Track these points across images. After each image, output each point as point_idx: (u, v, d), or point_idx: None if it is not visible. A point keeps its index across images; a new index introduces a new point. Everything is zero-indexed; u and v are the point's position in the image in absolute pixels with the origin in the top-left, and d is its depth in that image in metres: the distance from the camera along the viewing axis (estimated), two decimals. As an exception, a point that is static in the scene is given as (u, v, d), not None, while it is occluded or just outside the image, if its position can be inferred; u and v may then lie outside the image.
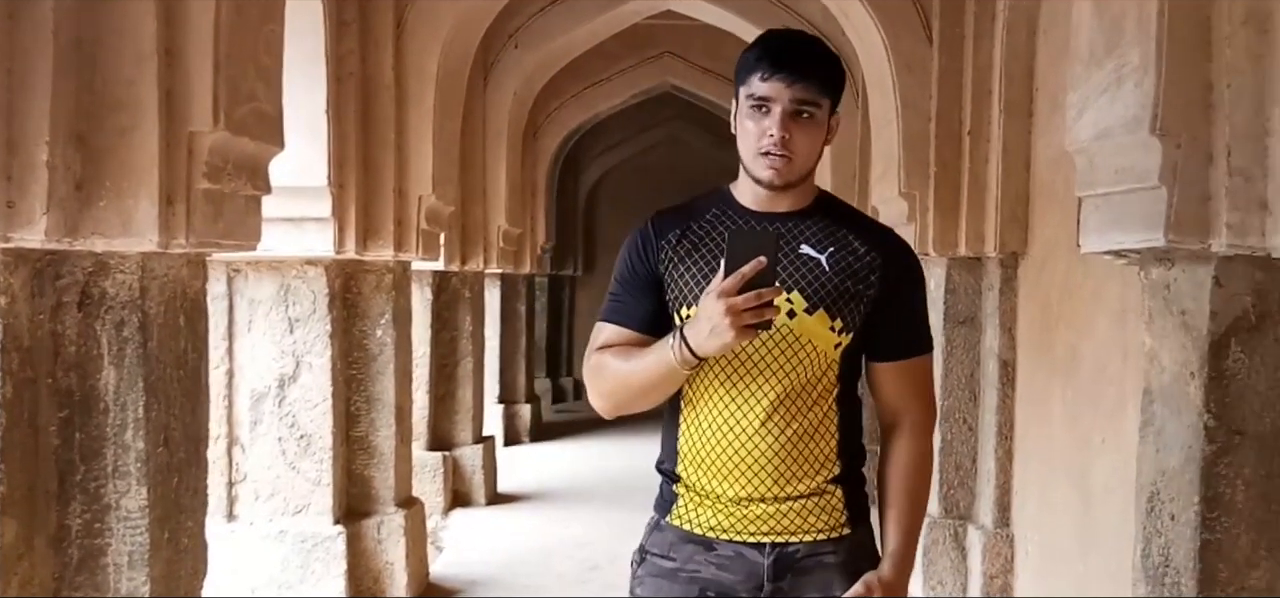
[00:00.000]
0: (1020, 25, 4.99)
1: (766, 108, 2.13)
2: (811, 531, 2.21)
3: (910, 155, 5.40)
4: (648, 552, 2.31)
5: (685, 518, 2.26)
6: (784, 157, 2.13)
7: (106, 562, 2.59)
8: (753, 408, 2.17)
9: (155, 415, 2.61)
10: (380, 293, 5.55)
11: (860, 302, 2.20)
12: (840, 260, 2.20)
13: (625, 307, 2.26)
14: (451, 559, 6.99)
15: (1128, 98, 2.58)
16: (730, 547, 2.22)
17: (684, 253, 2.23)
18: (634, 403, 2.24)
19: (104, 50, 2.37)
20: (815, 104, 2.14)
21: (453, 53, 5.77)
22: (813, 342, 2.17)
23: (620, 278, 2.29)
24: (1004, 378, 5.26)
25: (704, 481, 2.23)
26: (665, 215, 2.30)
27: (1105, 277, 4.08)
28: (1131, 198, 2.64)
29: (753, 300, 1.98)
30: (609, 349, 2.25)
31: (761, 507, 2.20)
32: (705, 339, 2.03)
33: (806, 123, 2.14)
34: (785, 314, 2.14)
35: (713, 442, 2.20)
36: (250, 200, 2.87)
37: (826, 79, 2.16)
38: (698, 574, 2.23)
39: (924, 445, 2.33)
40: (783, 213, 2.22)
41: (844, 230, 2.24)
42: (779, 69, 2.11)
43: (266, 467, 5.30)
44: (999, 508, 5.31)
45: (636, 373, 2.18)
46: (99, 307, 2.53)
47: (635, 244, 2.28)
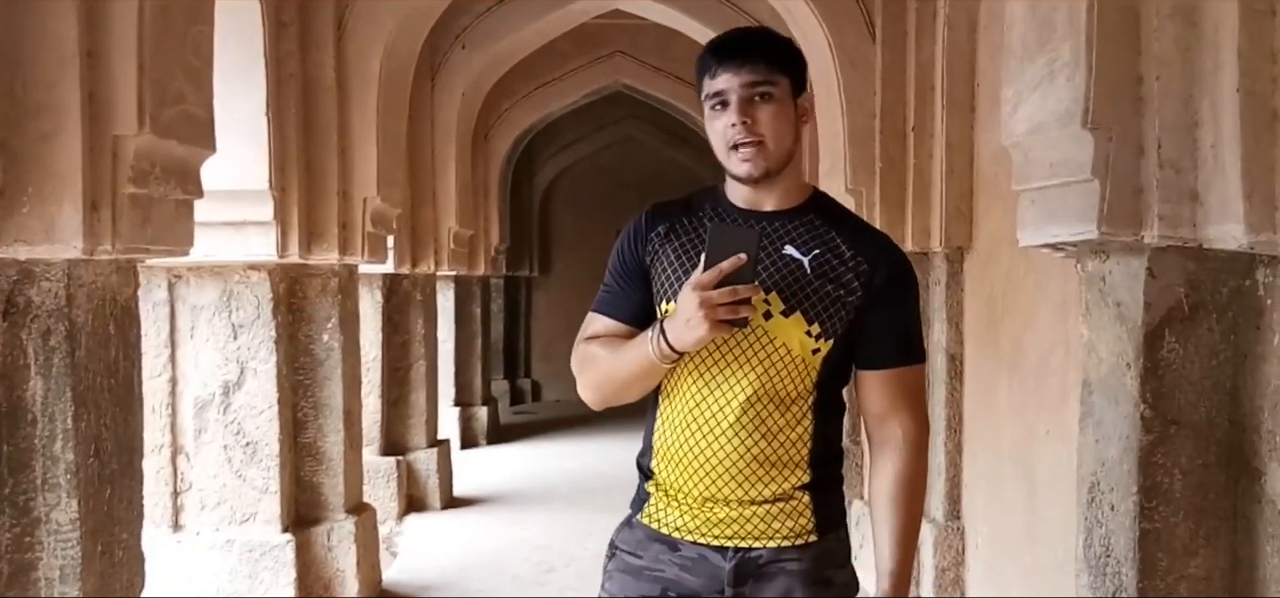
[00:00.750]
0: (961, 22, 5.02)
1: (724, 101, 2.12)
2: (775, 537, 2.17)
3: (856, 151, 5.41)
4: (618, 548, 2.31)
5: (654, 517, 2.25)
6: (753, 142, 2.11)
7: (37, 576, 2.53)
8: (722, 407, 2.15)
9: (85, 426, 2.56)
10: (326, 297, 5.49)
11: (842, 307, 2.15)
12: (824, 263, 2.15)
13: (615, 298, 2.26)
14: (406, 565, 6.94)
15: (1060, 92, 2.60)
16: (694, 549, 2.20)
17: (670, 247, 2.22)
18: (618, 395, 2.23)
19: (24, 53, 2.32)
20: (769, 83, 2.11)
21: (396, 54, 5.72)
22: (787, 345, 2.14)
23: (612, 269, 2.29)
24: (952, 372, 5.28)
25: (673, 478, 2.21)
26: (660, 209, 2.29)
27: (1047, 270, 4.11)
28: (1066, 191, 2.66)
29: (728, 296, 1.98)
30: (597, 340, 2.25)
31: (725, 509, 2.17)
32: (680, 333, 2.03)
33: (766, 104, 2.11)
34: (762, 315, 2.12)
35: (682, 438, 2.18)
36: (181, 205, 2.82)
37: (775, 58, 2.14)
38: (661, 574, 2.22)
39: (915, 460, 2.24)
40: (770, 212, 2.20)
41: (832, 233, 2.19)
42: (726, 60, 2.11)
43: (212, 476, 5.23)
44: (949, 501, 5.33)
45: (620, 365, 2.17)
46: (25, 316, 2.48)
47: (628, 235, 2.27)
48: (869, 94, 5.39)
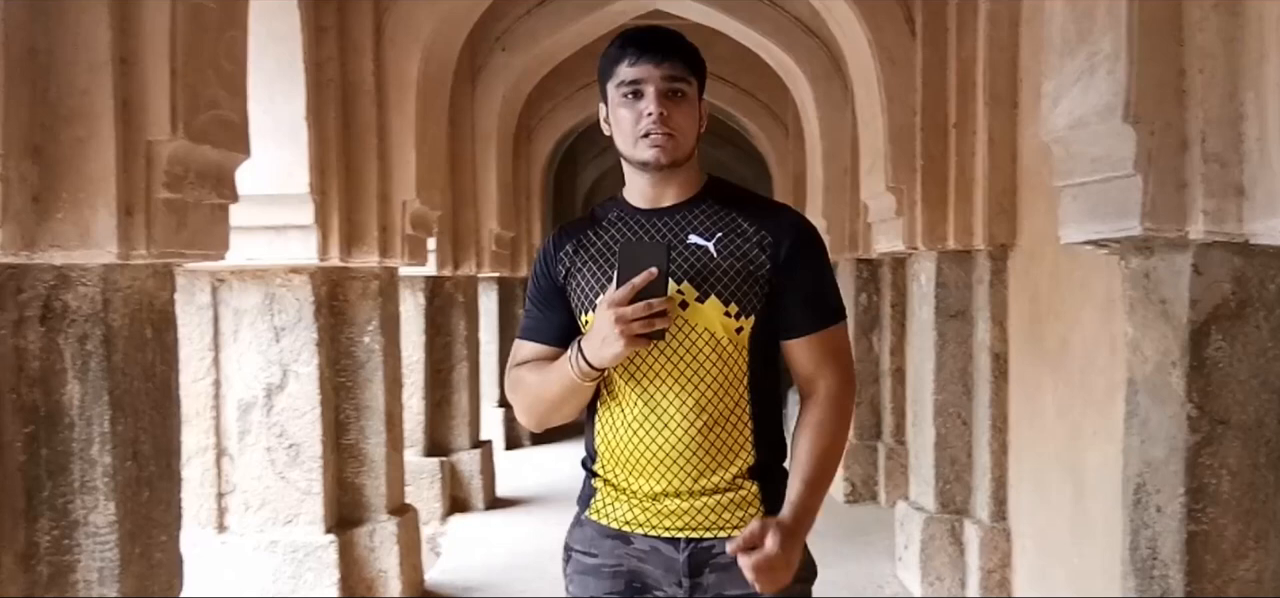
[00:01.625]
0: (1003, 16, 4.96)
1: (639, 91, 2.15)
2: (727, 527, 2.20)
3: (896, 149, 5.36)
4: (573, 550, 2.33)
5: (602, 512, 2.28)
6: (666, 134, 2.15)
7: (76, 578, 2.56)
8: (661, 402, 2.18)
9: (122, 429, 2.58)
10: (367, 300, 5.52)
11: (754, 282, 2.18)
12: (728, 244, 2.19)
13: (537, 323, 2.31)
14: (449, 565, 6.96)
15: (1100, 86, 2.55)
16: (646, 541, 2.23)
17: (581, 262, 2.25)
18: (552, 416, 2.28)
19: (58, 60, 2.34)
20: (685, 81, 2.16)
21: (434, 57, 5.73)
22: (710, 329, 2.16)
23: (531, 296, 2.34)
24: (996, 371, 5.22)
25: (620, 476, 2.25)
26: (565, 229, 2.35)
27: (1092, 267, 4.04)
28: (1108, 187, 2.60)
29: (642, 311, 2.01)
30: (526, 365, 2.29)
31: (675, 501, 2.20)
32: (598, 350, 2.07)
33: (680, 102, 2.16)
34: (678, 304, 2.16)
35: (625, 438, 2.21)
36: (216, 209, 2.83)
37: (689, 59, 2.19)
38: (621, 568, 2.25)
39: (837, 410, 2.24)
40: (670, 206, 2.24)
41: (733, 213, 2.23)
42: (645, 53, 2.15)
43: (256, 477, 5.27)
44: (995, 502, 5.26)
45: (546, 387, 2.22)
46: (62, 320, 2.50)
47: (540, 261, 2.33)
48: (909, 91, 5.34)
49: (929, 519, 5.53)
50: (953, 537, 5.49)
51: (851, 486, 8.28)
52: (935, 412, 5.50)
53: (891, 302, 7.89)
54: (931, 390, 5.52)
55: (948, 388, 5.49)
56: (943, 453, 5.52)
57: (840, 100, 8.12)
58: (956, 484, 5.52)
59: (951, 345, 5.47)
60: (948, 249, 5.34)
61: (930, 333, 5.51)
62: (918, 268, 5.72)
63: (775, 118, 11.11)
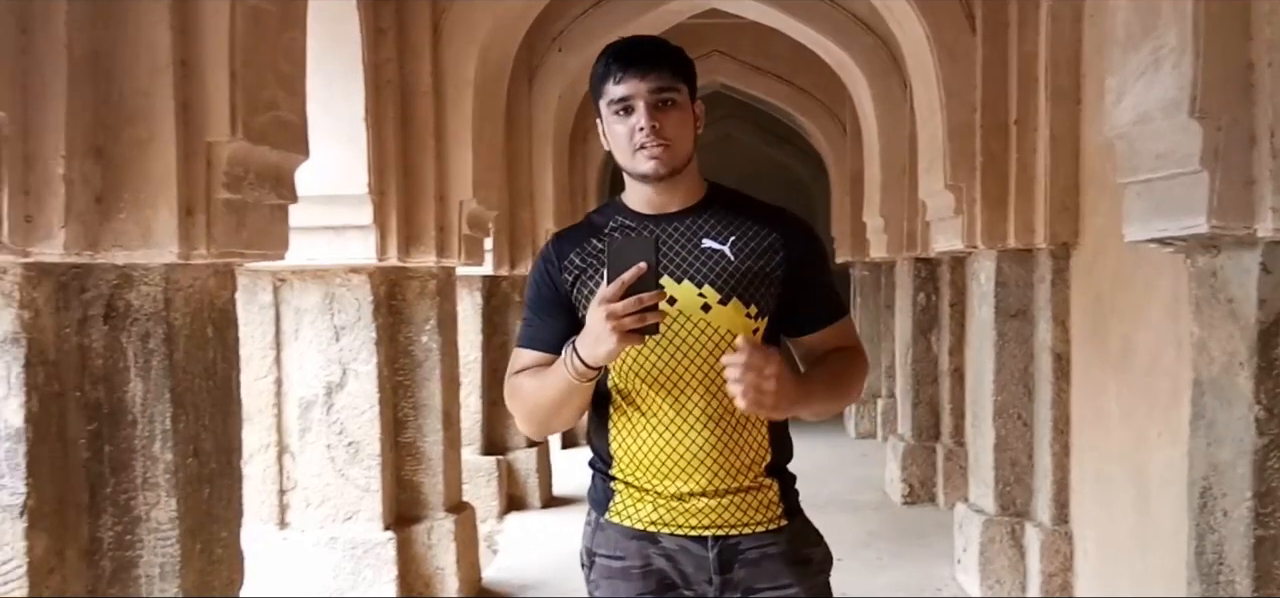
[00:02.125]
0: (1065, 11, 4.88)
1: (629, 106, 2.17)
2: (751, 523, 2.23)
3: (956, 147, 5.29)
4: (595, 554, 2.33)
5: (625, 514, 2.28)
6: (661, 144, 2.16)
7: (138, 573, 2.59)
8: (684, 405, 2.20)
9: (183, 426, 2.61)
10: (424, 299, 5.56)
11: (770, 283, 2.22)
12: (743, 246, 2.22)
13: (536, 330, 2.31)
14: (505, 563, 6.99)
15: (1166, 80, 2.50)
16: (673, 540, 2.24)
17: (587, 271, 2.26)
18: (551, 421, 2.29)
19: (119, 62, 2.36)
20: (674, 89, 2.18)
21: (490, 57, 5.75)
22: (732, 331, 2.18)
23: (530, 303, 2.34)
24: (1058, 372, 5.14)
25: (643, 478, 2.25)
26: (563, 237, 2.35)
27: (1158, 266, 3.96)
28: (1174, 183, 2.56)
29: (633, 306, 2.00)
30: (524, 372, 2.30)
31: (702, 501, 2.22)
32: (592, 348, 2.07)
33: (671, 110, 2.17)
34: (700, 308, 2.18)
35: (647, 443, 2.22)
36: (276, 209, 2.85)
37: (675, 66, 2.20)
38: (651, 566, 2.26)
39: (856, 360, 2.33)
40: (676, 212, 2.25)
41: (741, 217, 2.26)
42: (630, 66, 2.17)
43: (316, 474, 5.33)
44: (1057, 505, 5.19)
45: (545, 392, 2.22)
46: (124, 319, 2.53)
47: (540, 268, 2.33)
48: (969, 87, 5.27)
49: (988, 522, 5.46)
50: (1013, 540, 5.42)
51: (909, 487, 8.20)
52: (995, 413, 5.43)
53: (950, 301, 7.80)
54: (991, 391, 5.45)
55: (1008, 389, 5.41)
56: (1003, 455, 5.44)
57: (898, 98, 8.06)
58: (1017, 486, 5.45)
59: (1012, 346, 5.39)
60: (1008, 248, 5.27)
61: (990, 333, 5.44)
62: (977, 267, 5.65)
63: (833, 116, 11.04)
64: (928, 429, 8.26)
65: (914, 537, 7.15)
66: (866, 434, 11.18)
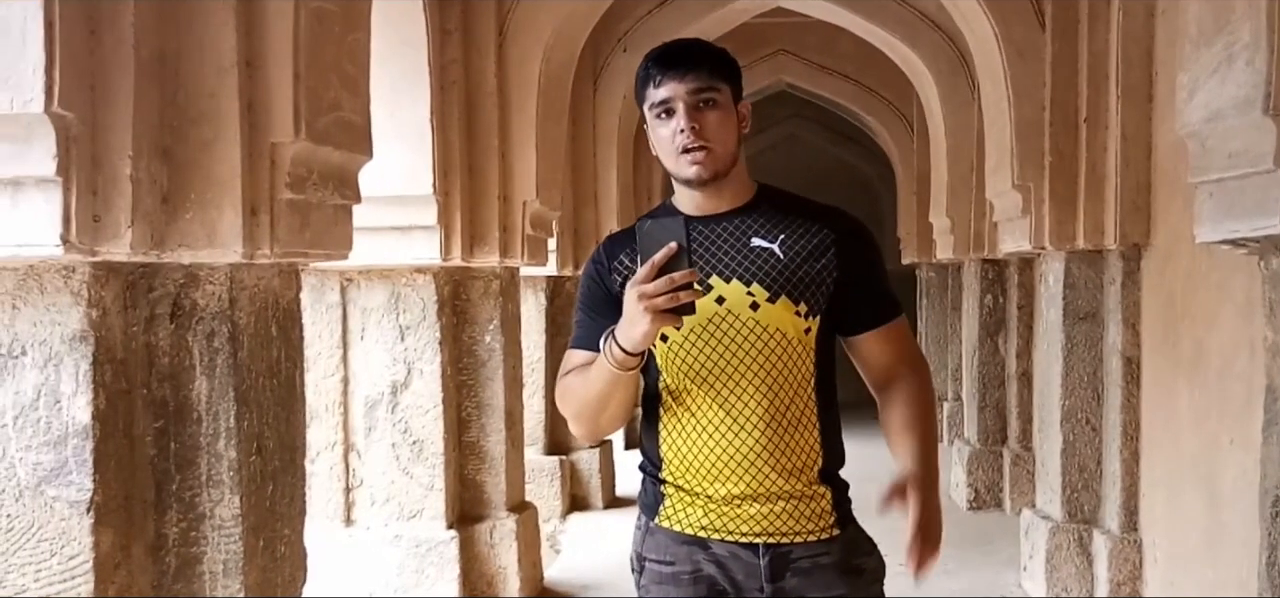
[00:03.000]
0: (1137, 7, 4.78)
1: (670, 109, 2.16)
2: (803, 532, 2.20)
3: (1024, 146, 5.21)
4: (645, 559, 2.30)
5: (675, 519, 2.25)
6: (702, 147, 2.15)
7: (202, 570, 2.62)
8: (734, 405, 2.17)
9: (247, 425, 2.65)
10: (488, 299, 5.59)
11: (822, 283, 2.20)
12: (793, 245, 2.20)
13: (589, 332, 2.28)
14: (567, 563, 7.01)
15: (1239, 77, 2.44)
16: (724, 546, 2.22)
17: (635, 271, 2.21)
18: (599, 419, 2.26)
19: (186, 63, 2.40)
20: (713, 90, 2.16)
21: (555, 58, 5.78)
22: (781, 330, 2.17)
23: (582, 305, 2.33)
24: (1128, 376, 5.04)
25: (692, 482, 2.23)
26: (616, 239, 2.35)
27: (1231, 268, 3.87)
28: (1246, 183, 2.50)
29: (664, 286, 1.99)
30: (573, 372, 2.28)
31: (753, 506, 2.19)
32: (627, 332, 2.06)
33: (712, 110, 2.16)
34: (749, 306, 2.16)
35: (697, 444, 2.20)
36: (339, 209, 2.89)
37: (715, 66, 2.18)
38: (701, 572, 2.23)
39: (925, 382, 2.30)
40: (725, 212, 2.23)
41: (791, 216, 2.24)
42: (668, 70, 2.15)
43: (381, 472, 5.38)
44: (1125, 512, 5.09)
45: (590, 387, 2.20)
46: (190, 318, 2.57)
47: (591, 270, 2.32)
48: (1038, 85, 5.18)
49: (1055, 528, 5.37)
50: (1080, 547, 5.32)
51: (975, 492, 8.10)
52: (1063, 417, 5.34)
53: (1018, 303, 7.69)
54: (1059, 395, 5.35)
55: (1076, 393, 5.32)
56: (1070, 460, 5.35)
57: (966, 97, 7.95)
58: (1085, 493, 5.35)
59: (1080, 349, 5.30)
60: (1077, 249, 5.18)
61: (1058, 336, 5.35)
62: (1045, 268, 5.56)
63: (900, 116, 10.94)
64: (994, 434, 8.15)
65: (979, 543, 7.05)
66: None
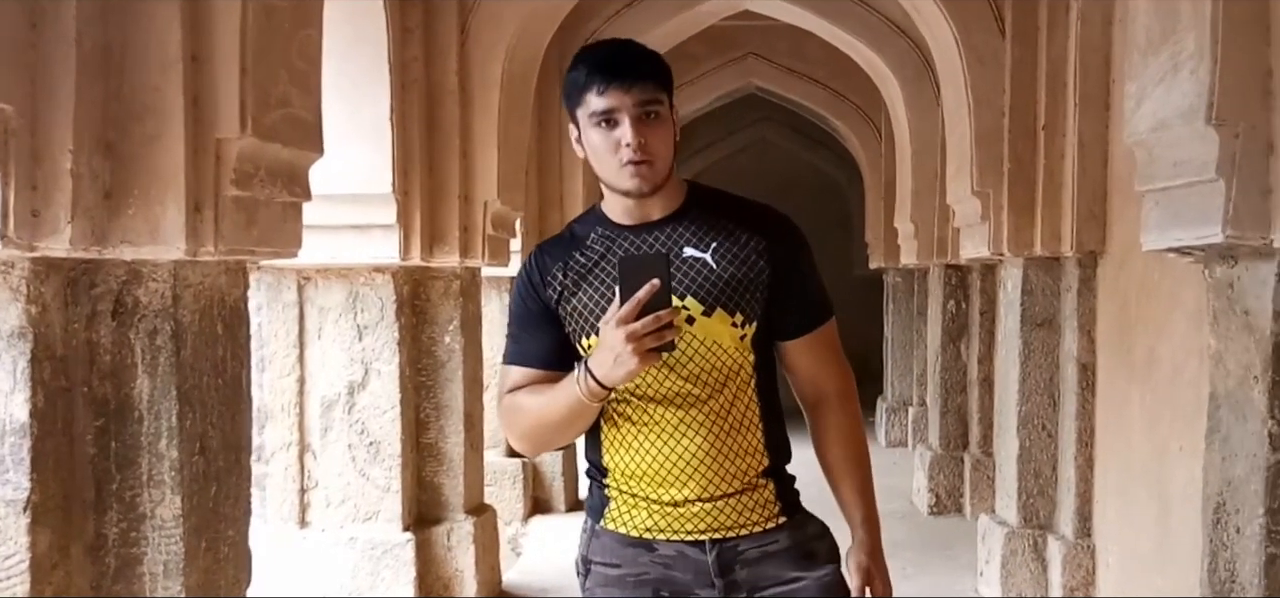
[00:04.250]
0: (1095, 15, 4.81)
1: (613, 119, 2.11)
2: (748, 524, 2.20)
3: (983, 152, 5.24)
4: (591, 562, 2.29)
5: (621, 521, 2.24)
6: (646, 162, 2.11)
7: (142, 570, 2.59)
8: (675, 416, 2.17)
9: (190, 424, 2.61)
10: (448, 299, 5.56)
11: (756, 289, 2.18)
12: (726, 253, 2.18)
13: (524, 346, 2.27)
14: (528, 566, 6.98)
15: (1183, 86, 2.46)
16: (671, 546, 2.21)
17: (573, 284, 2.21)
18: (553, 440, 2.28)
19: (130, 57, 2.37)
20: (656, 102, 2.12)
21: (518, 56, 5.75)
22: (718, 342, 2.16)
23: (515, 318, 2.30)
24: (1083, 383, 5.07)
25: (637, 488, 2.22)
26: (545, 250, 2.30)
27: (1183, 276, 3.90)
28: (1190, 192, 2.51)
29: (651, 324, 1.98)
30: (520, 390, 2.25)
31: (697, 506, 2.19)
32: (610, 369, 2.03)
33: (655, 123, 2.12)
34: (685, 321, 2.13)
35: (640, 454, 2.19)
36: (288, 207, 2.85)
37: (658, 76, 2.15)
38: (646, 576, 2.22)
39: (853, 410, 2.32)
40: (658, 220, 2.21)
41: (722, 220, 2.21)
42: (614, 78, 2.09)
43: (337, 474, 5.34)
44: (1080, 518, 5.12)
45: (550, 410, 2.18)
46: (133, 315, 2.54)
47: (522, 282, 2.28)
48: (998, 92, 5.21)
49: (1011, 534, 5.39)
50: (1035, 552, 5.35)
51: (936, 497, 8.12)
52: (1020, 423, 5.37)
53: (980, 309, 7.72)
54: (1016, 401, 5.38)
55: (1033, 399, 5.35)
56: (1026, 466, 5.38)
57: (930, 102, 7.99)
58: (1040, 498, 5.38)
59: (1037, 355, 5.33)
60: (1035, 256, 5.21)
61: (1016, 342, 5.38)
62: (1004, 275, 5.59)
63: (868, 121, 10.97)
64: (956, 439, 8.18)
65: (939, 547, 7.08)
66: (897, 443, 11.08)
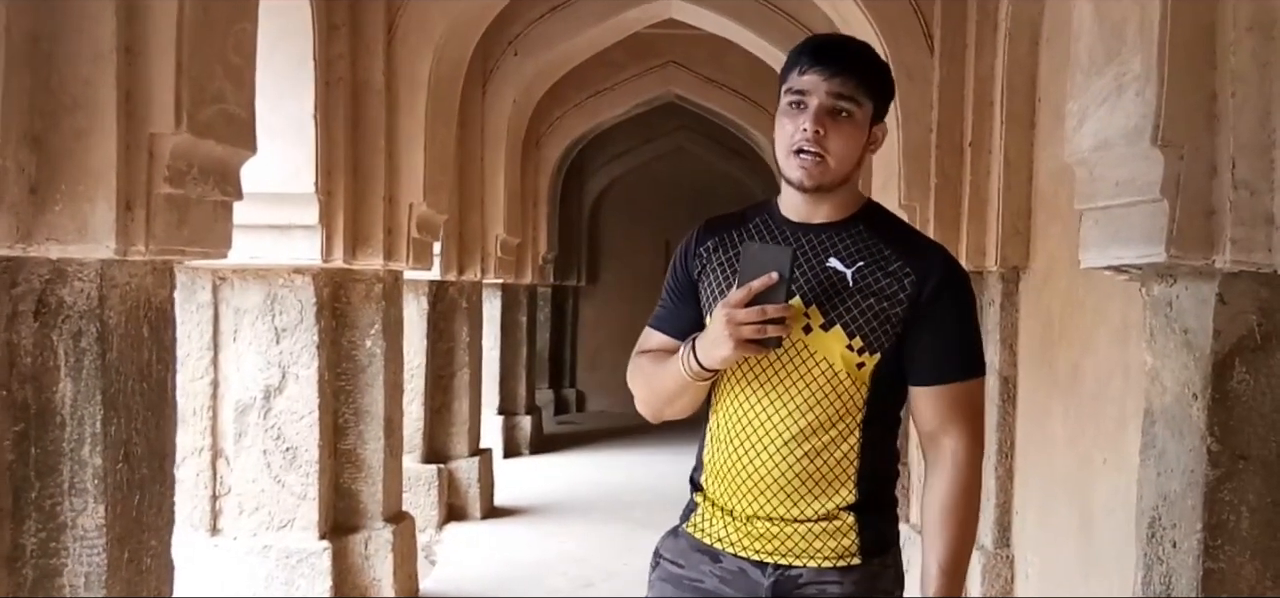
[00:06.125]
0: (1022, 35, 4.89)
1: (803, 103, 2.04)
2: (817, 557, 2.10)
3: (911, 166, 5.29)
4: (662, 557, 2.27)
5: (699, 527, 2.22)
6: (816, 155, 2.04)
7: (62, 582, 2.49)
8: (766, 424, 2.10)
9: (114, 430, 2.51)
10: (370, 303, 5.46)
11: (887, 320, 2.06)
12: (868, 276, 2.07)
13: (667, 313, 2.26)
14: (444, 575, 6.89)
15: (1129, 107, 2.49)
16: (734, 561, 2.16)
17: (717, 262, 2.19)
18: (665, 409, 2.22)
19: (61, 48, 2.28)
20: (853, 102, 2.04)
21: (446, 58, 5.67)
22: (828, 360, 2.06)
23: (667, 285, 2.28)
24: (1004, 395, 5.15)
25: (720, 492, 2.18)
26: (712, 224, 2.27)
27: (1108, 293, 3.97)
28: (1132, 211, 2.54)
29: (755, 316, 1.93)
30: (648, 354, 2.24)
31: (767, 525, 2.12)
32: (709, 350, 2.01)
33: (844, 122, 2.05)
34: (801, 328, 2.06)
35: (728, 454, 2.15)
36: (219, 206, 2.76)
37: (868, 77, 2.07)
38: (700, 585, 2.18)
39: (966, 477, 2.13)
40: (820, 223, 2.14)
41: (880, 244, 2.11)
42: (817, 62, 2.03)
43: (251, 480, 5.20)
44: (999, 528, 5.19)
45: (661, 380, 2.17)
46: (56, 316, 2.44)
47: (681, 252, 2.27)
48: (925, 108, 5.27)
49: (931, 543, 5.44)
50: (956, 561, 5.41)
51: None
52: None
53: (899, 321, 7.81)
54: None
55: (955, 410, 5.41)
56: (948, 476, 5.43)
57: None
58: (962, 508, 5.44)
59: (960, 367, 5.39)
60: (958, 269, 5.27)
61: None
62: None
63: (785, 132, 11.04)
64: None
65: (857, 556, 7.13)
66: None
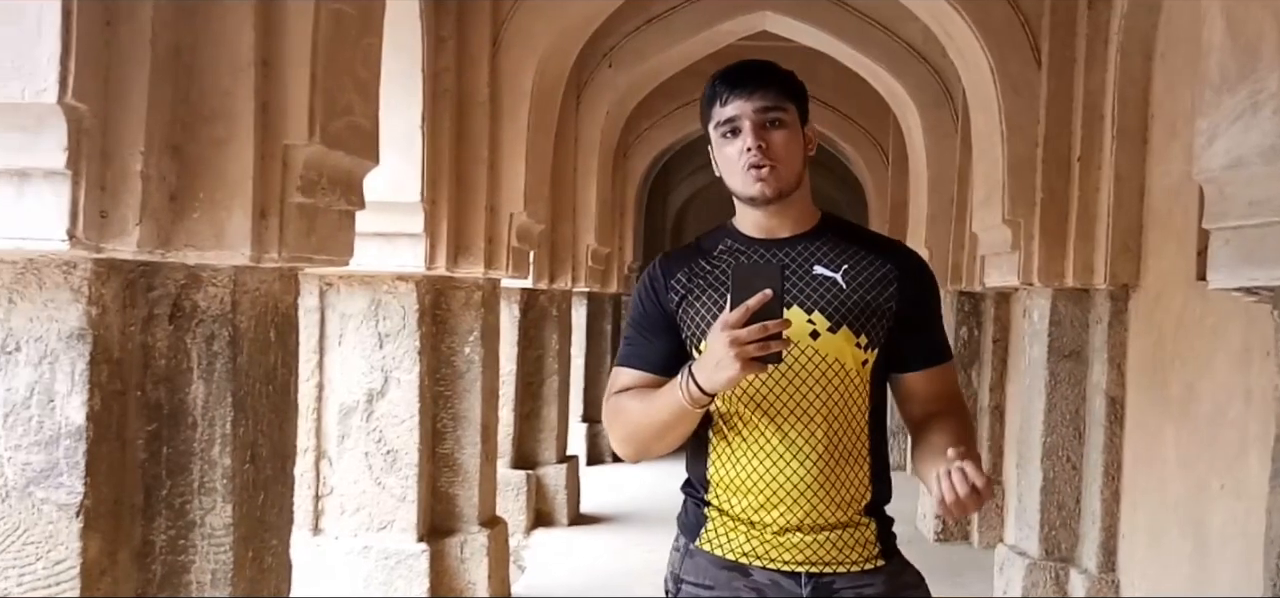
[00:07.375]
0: (1135, 49, 4.80)
1: (736, 127, 2.14)
2: (846, 563, 2.16)
3: (1016, 181, 5.21)
4: (683, 581, 2.24)
5: (716, 543, 2.20)
6: (768, 166, 2.13)
7: (190, 579, 2.55)
8: (791, 435, 2.13)
9: (243, 431, 2.57)
10: (469, 310, 5.51)
11: (882, 315, 2.17)
12: (856, 276, 2.18)
13: (640, 350, 2.25)
14: (532, 581, 6.93)
15: (1264, 126, 2.42)
16: (765, 574, 2.16)
17: (695, 292, 2.21)
18: (653, 445, 2.21)
19: (201, 60, 2.33)
20: (780, 110, 2.14)
21: (548, 70, 5.72)
22: (840, 360, 2.14)
23: (634, 322, 2.29)
24: (1111, 416, 5.05)
25: (739, 507, 2.18)
26: (671, 257, 2.31)
27: (1227, 313, 3.88)
28: (1266, 231, 2.48)
29: (758, 333, 1.94)
30: (626, 392, 2.24)
31: (798, 536, 2.14)
32: (711, 374, 2.00)
33: (779, 131, 2.14)
34: (809, 335, 2.12)
35: (749, 471, 2.15)
36: (344, 215, 2.82)
37: (782, 86, 2.17)
38: None
39: (964, 419, 2.26)
40: (788, 237, 2.21)
41: (855, 247, 2.22)
42: (736, 87, 2.14)
43: (353, 482, 5.28)
44: (1104, 552, 5.09)
45: (651, 414, 2.16)
46: (190, 320, 2.50)
47: (645, 287, 2.28)
48: (1032, 122, 5.19)
49: (1032, 565, 5.36)
50: (1057, 584, 5.32)
51: (943, 524, 8.09)
52: (1043, 454, 5.34)
53: (993, 337, 7.71)
54: (1040, 432, 5.35)
55: (1058, 430, 5.32)
56: (1050, 497, 5.34)
57: (949, 129, 7.98)
58: (1063, 530, 5.35)
59: (1064, 386, 5.30)
60: (1064, 287, 5.19)
61: (1042, 372, 5.35)
62: (1030, 304, 5.56)
63: (875, 144, 10.97)
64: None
65: (948, 575, 7.04)
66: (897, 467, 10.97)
